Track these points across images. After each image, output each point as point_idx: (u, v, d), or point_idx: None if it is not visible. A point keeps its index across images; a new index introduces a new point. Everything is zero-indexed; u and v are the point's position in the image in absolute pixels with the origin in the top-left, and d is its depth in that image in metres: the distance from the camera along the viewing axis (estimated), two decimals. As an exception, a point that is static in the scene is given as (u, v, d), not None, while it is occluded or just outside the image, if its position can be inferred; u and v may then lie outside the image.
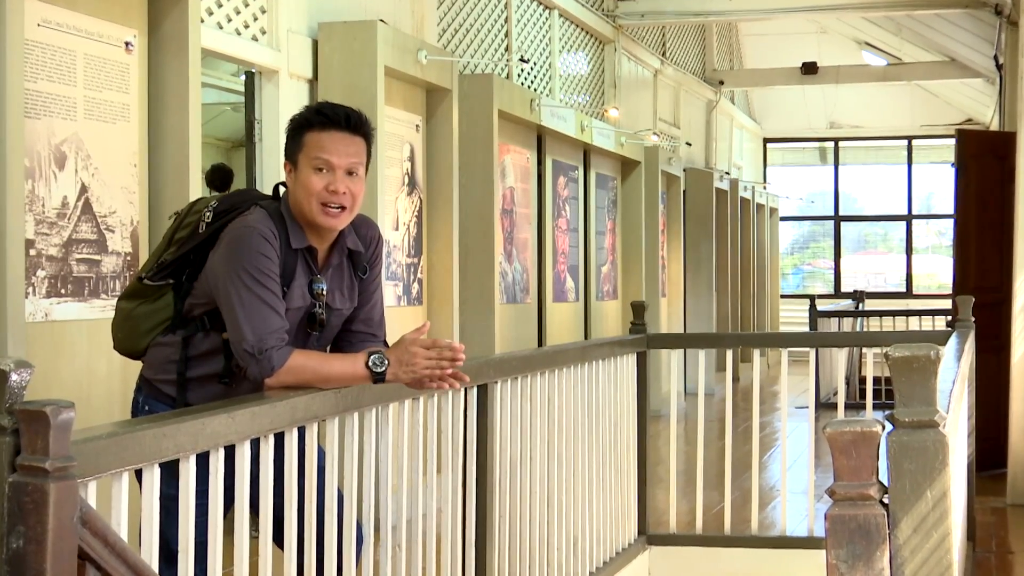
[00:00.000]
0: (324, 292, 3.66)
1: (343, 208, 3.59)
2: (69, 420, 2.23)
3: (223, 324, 3.56)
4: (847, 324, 14.51)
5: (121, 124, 5.54)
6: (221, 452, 3.03)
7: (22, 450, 2.22)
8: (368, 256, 3.79)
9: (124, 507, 2.65)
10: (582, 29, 12.80)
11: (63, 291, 5.19)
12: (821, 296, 18.00)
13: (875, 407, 7.52)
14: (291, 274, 3.59)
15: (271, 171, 6.95)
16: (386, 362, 3.47)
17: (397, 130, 7.83)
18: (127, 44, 5.58)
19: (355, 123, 3.63)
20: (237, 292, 3.47)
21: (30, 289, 4.98)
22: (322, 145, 3.58)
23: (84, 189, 5.31)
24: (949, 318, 9.48)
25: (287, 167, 3.65)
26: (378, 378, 3.49)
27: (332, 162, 3.58)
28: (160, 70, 5.73)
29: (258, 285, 3.47)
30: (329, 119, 3.60)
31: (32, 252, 5.01)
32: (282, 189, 3.72)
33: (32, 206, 5.01)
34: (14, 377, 2.22)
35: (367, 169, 3.68)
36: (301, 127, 3.63)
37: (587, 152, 11.93)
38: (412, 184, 8.09)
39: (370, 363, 3.46)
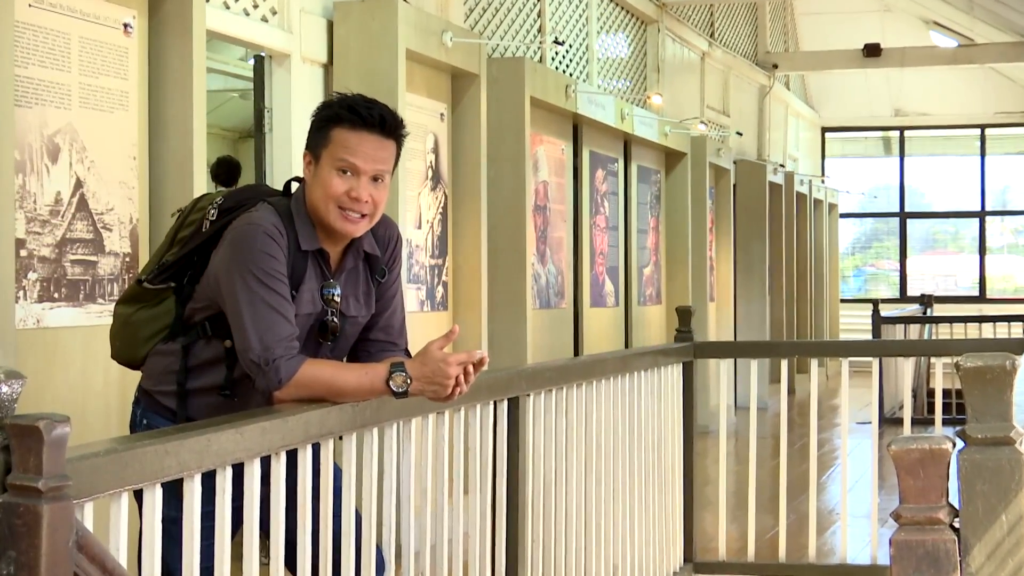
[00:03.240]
0: (337, 298, 3.66)
1: (363, 215, 3.60)
2: (64, 436, 2.24)
3: (225, 331, 3.57)
4: (914, 331, 14.44)
5: (119, 113, 5.57)
6: (229, 471, 3.04)
7: (13, 468, 2.23)
8: (386, 258, 3.79)
9: (123, 530, 2.67)
10: (622, 8, 12.80)
11: (56, 295, 5.22)
12: (885, 300, 17.91)
13: (945, 423, 7.49)
14: (300, 278, 3.59)
15: (282, 164, 6.97)
16: (409, 380, 3.47)
17: (420, 119, 7.84)
18: (126, 26, 5.61)
19: (389, 126, 3.62)
20: (241, 296, 3.47)
21: (21, 293, 5.01)
22: (350, 146, 3.57)
23: (79, 184, 5.33)
24: (1026, 325, 9.44)
25: (307, 158, 3.64)
26: (399, 396, 3.49)
27: (358, 166, 3.57)
28: (161, 54, 5.76)
29: (264, 288, 3.47)
30: (362, 119, 3.58)
31: (23, 253, 5.03)
32: (294, 185, 3.72)
33: (23, 203, 5.03)
34: (4, 389, 2.23)
35: (393, 174, 3.68)
36: (329, 121, 3.61)
37: (628, 143, 11.92)
38: (436, 178, 8.10)
39: (391, 382, 3.46)
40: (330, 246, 3.66)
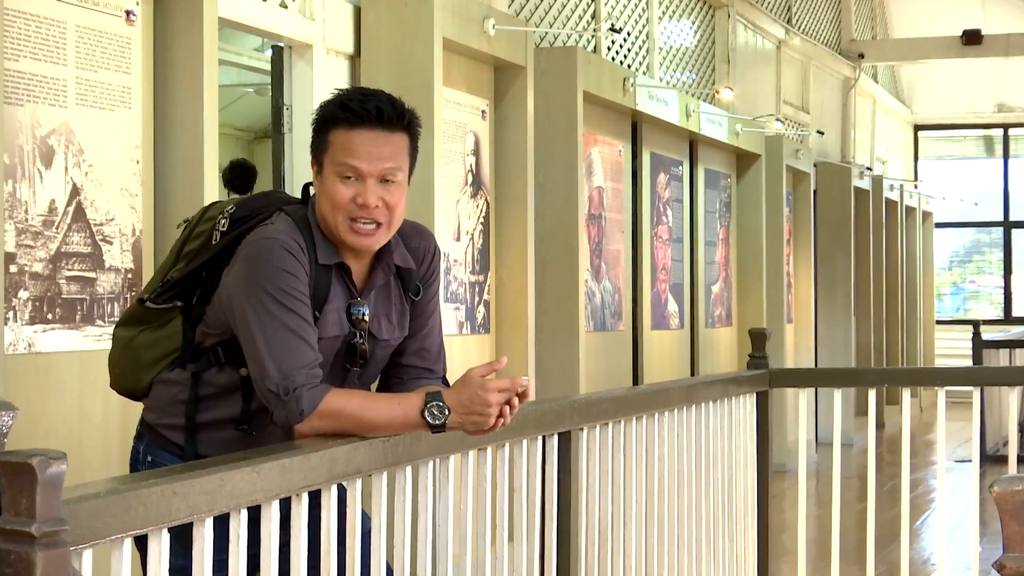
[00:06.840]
0: (366, 318, 3.66)
1: (378, 225, 3.59)
2: (60, 475, 2.25)
3: (241, 357, 3.57)
4: (1020, 357, 14.38)
5: (121, 111, 5.60)
6: (244, 514, 3.05)
7: (3, 511, 2.24)
8: (421, 273, 3.78)
9: (125, 581, 2.68)
10: (687, -9, 12.82)
11: (50, 316, 5.25)
12: (987, 322, 17.86)
13: (1056, 461, 7.46)
14: (324, 296, 3.59)
15: (303, 167, 6.99)
16: (447, 410, 3.47)
17: (458, 117, 7.86)
18: (128, 13, 5.65)
19: (390, 117, 3.59)
20: (257, 319, 3.48)
21: (10, 314, 5.04)
22: (349, 148, 3.56)
23: (76, 191, 5.37)
24: None
25: (313, 167, 3.65)
26: (436, 429, 3.49)
27: (361, 169, 3.55)
28: (168, 45, 5.79)
29: (283, 309, 3.48)
30: (355, 115, 3.56)
31: (13, 268, 5.06)
32: (312, 191, 3.72)
33: (13, 212, 5.07)
34: (-7, 421, 2.25)
35: (411, 171, 3.67)
36: (326, 123, 3.60)
37: (694, 143, 11.91)
38: (477, 184, 8.12)
39: (427, 413, 3.45)
40: (353, 260, 3.65)
